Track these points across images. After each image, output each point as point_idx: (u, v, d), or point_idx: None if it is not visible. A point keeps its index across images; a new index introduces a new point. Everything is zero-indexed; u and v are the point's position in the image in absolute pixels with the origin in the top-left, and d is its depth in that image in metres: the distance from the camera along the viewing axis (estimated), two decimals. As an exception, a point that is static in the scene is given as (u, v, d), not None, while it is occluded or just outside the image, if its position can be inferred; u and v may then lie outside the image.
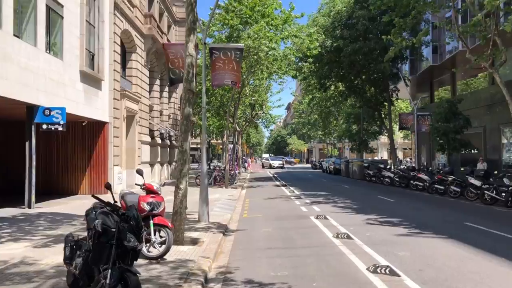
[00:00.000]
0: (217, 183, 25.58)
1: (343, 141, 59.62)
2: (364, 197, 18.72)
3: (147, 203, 7.42)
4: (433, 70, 33.06)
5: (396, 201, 16.96)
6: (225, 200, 17.40)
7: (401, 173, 25.18)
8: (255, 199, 18.45)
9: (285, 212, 13.85)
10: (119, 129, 19.81)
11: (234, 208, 15.44)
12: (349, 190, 22.94)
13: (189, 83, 8.91)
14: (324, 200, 17.39)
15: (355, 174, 34.98)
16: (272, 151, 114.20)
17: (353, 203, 15.94)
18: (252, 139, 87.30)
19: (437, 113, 24.87)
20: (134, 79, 22.70)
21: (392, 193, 20.69)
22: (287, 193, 21.02)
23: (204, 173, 11.78)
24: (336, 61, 30.37)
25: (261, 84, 36.38)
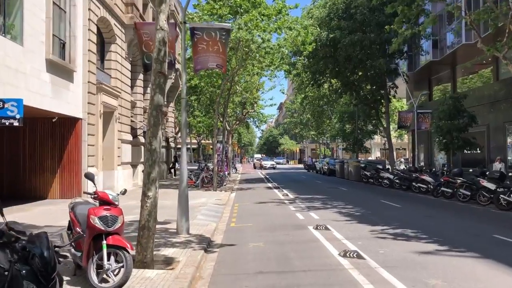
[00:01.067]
0: (205, 185, 23.77)
1: (337, 141, 58.02)
2: (365, 201, 16.99)
3: (99, 217, 5.60)
4: (431, 66, 31.54)
5: (402, 206, 15.22)
6: (211, 205, 15.59)
7: (402, 174, 23.52)
8: (245, 203, 16.66)
9: (279, 220, 12.06)
10: (94, 126, 17.91)
11: (221, 215, 13.64)
12: (347, 193, 21.22)
13: (160, 64, 7.10)
14: (322, 205, 15.62)
15: (350, 175, 33.30)
16: (263, 152, 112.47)
17: (354, 209, 14.19)
18: (244, 139, 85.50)
19: (440, 110, 23.24)
20: (113, 72, 20.80)
21: (394, 197, 19.00)
22: (280, 196, 19.26)
23: (184, 176, 9.95)
24: (331, 55, 28.69)
25: (253, 80, 34.78)
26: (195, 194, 19.78)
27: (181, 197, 9.82)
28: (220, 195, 19.72)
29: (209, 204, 16.01)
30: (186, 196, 9.89)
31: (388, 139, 31.57)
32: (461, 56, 27.66)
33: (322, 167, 44.22)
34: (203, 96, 34.61)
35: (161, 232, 9.88)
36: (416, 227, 10.41)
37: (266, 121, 43.43)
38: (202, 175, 23.97)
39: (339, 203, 16.14)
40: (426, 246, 8.25)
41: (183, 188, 9.89)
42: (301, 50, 23.95)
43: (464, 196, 16.80)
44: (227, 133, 36.69)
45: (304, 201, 16.77)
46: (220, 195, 19.51)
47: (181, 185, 9.95)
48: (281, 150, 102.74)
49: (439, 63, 30.08)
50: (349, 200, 17.00)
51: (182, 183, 9.94)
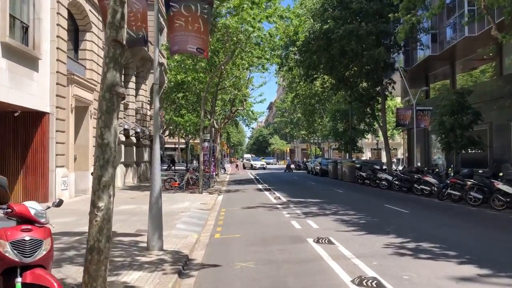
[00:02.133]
0: (190, 187, 21.96)
1: (328, 141, 56.46)
2: (367, 206, 15.30)
3: (12, 243, 3.79)
4: (429, 62, 30.04)
5: (410, 212, 13.49)
6: (194, 211, 13.79)
7: (402, 175, 21.89)
8: (233, 208, 14.88)
9: (272, 229, 10.29)
10: (65, 122, 16.00)
11: (204, 222, 11.85)
12: (344, 196, 19.53)
13: (116, 30, 5.27)
14: (319, 210, 13.88)
15: (345, 176, 31.68)
16: (253, 152, 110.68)
17: (358, 216, 12.47)
18: (233, 139, 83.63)
19: (442, 106, 21.66)
20: (88, 63, 18.89)
21: (397, 200, 17.36)
22: (271, 199, 17.50)
23: (155, 181, 8.12)
24: (325, 49, 26.99)
25: (242, 76, 33.08)
26: (179, 197, 17.99)
27: (153, 209, 7.99)
28: (206, 198, 17.93)
29: (193, 209, 14.22)
30: (159, 207, 8.06)
31: (384, 138, 29.99)
32: (462, 50, 26.18)
33: (314, 168, 42.57)
34: (190, 93, 32.82)
35: (129, 247, 8.09)
36: (436, 239, 8.71)
37: (256, 118, 41.61)
38: (187, 176, 22.15)
39: (339, 208, 14.43)
40: (460, 268, 6.50)
41: (155, 197, 8.05)
42: (293, 39, 22.24)
43: (475, 199, 15.20)
44: (215, 132, 34.89)
45: (298, 206, 15.03)
46: (206, 198, 17.73)
47: (152, 193, 8.10)
48: (271, 150, 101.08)
49: (437, 59, 28.58)
50: (349, 204, 15.29)
51: (153, 191, 8.09)
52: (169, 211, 13.30)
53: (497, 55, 24.53)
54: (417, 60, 30.34)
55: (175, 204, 15.58)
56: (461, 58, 28.10)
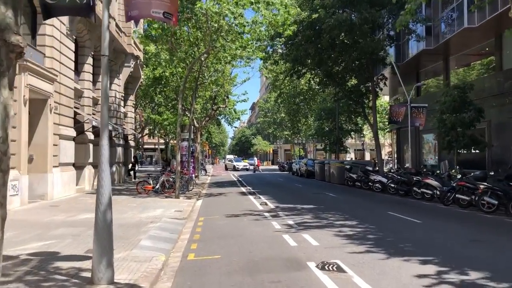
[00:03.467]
0: (166, 190, 19.73)
1: (313, 141, 54.65)
2: (368, 213, 13.32)
3: None
4: (421, 58, 28.39)
5: (422, 222, 11.49)
6: (167, 221, 11.64)
7: (399, 177, 20.04)
8: (213, 217, 12.77)
9: (261, 248, 8.19)
10: (16, 117, 13.67)
11: (177, 237, 9.71)
12: (339, 201, 17.55)
13: None
14: (315, 219, 11.82)
15: (332, 177, 29.83)
16: (235, 152, 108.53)
17: (362, 227, 10.41)
18: (215, 139, 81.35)
19: (443, 103, 19.90)
20: (48, 50, 16.53)
21: (398, 206, 15.48)
22: (257, 206, 15.41)
23: (104, 184, 5.94)
24: (312, 41, 25.02)
25: (224, 70, 31.05)
26: (151, 203, 15.81)
27: (100, 227, 5.81)
28: (183, 204, 15.76)
29: (165, 218, 12.05)
30: (107, 223, 5.89)
31: (375, 138, 28.19)
32: (458, 44, 24.54)
33: (299, 169, 40.65)
34: (168, 89, 30.63)
35: (67, 279, 5.90)
36: (480, 264, 6.67)
37: (239, 117, 39.53)
38: (162, 179, 19.91)
39: (336, 216, 12.41)
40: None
41: (102, 211, 5.86)
42: (280, 32, 20.21)
43: (490, 205, 13.38)
44: (195, 131, 32.69)
45: (289, 214, 12.96)
46: (182, 204, 15.56)
47: (99, 205, 5.89)
48: (254, 150, 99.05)
49: (431, 53, 26.93)
50: (347, 212, 13.29)
51: (101, 202, 5.88)
52: (136, 222, 11.13)
53: (497, 49, 22.97)
54: (408, 56, 28.66)
55: (146, 211, 13.39)
56: (456, 53, 26.50)
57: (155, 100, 37.68)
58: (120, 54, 26.60)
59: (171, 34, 18.80)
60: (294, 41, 25.97)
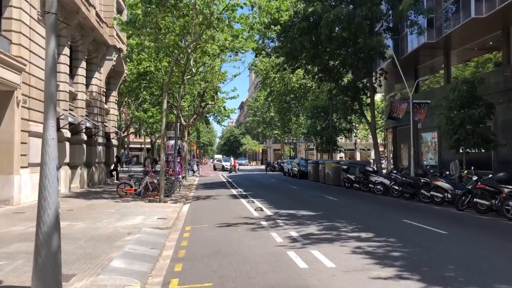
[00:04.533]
0: (150, 193, 17.96)
1: (306, 140, 53.03)
2: (380, 221, 11.66)
3: None
4: (420, 52, 26.99)
5: (448, 233, 9.68)
6: (148, 231, 9.90)
7: (404, 179, 18.47)
8: (202, 226, 11.05)
9: (263, 272, 6.42)
10: (-27, 110, 11.83)
11: (158, 253, 7.98)
12: (341, 205, 15.92)
13: None
14: (321, 230, 10.08)
15: (328, 178, 28.24)
16: (224, 152, 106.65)
17: (380, 241, 8.63)
18: (203, 138, 79.44)
19: (451, 99, 18.39)
20: (15, 36, 14.64)
21: (410, 211, 13.93)
22: (251, 211, 13.69)
23: (50, 194, 4.18)
24: (308, 33, 23.37)
25: (213, 65, 29.35)
26: (132, 208, 14.07)
27: (43, 257, 4.08)
28: (167, 209, 14.01)
29: (146, 228, 10.31)
30: (53, 252, 4.13)
31: (373, 136, 26.69)
32: (461, 37, 23.12)
33: (291, 169, 39.01)
34: (154, 85, 28.84)
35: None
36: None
37: (228, 115, 37.78)
38: (145, 181, 18.11)
39: (345, 225, 10.73)
40: None
41: (46, 232, 4.11)
42: (275, 18, 18.56)
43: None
44: (182, 129, 30.88)
45: (290, 222, 11.25)
46: (167, 210, 13.81)
47: (41, 225, 4.15)
48: (243, 150, 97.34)
49: (431, 47, 25.54)
50: (356, 219, 11.61)
51: (44, 221, 4.14)
52: (111, 233, 9.39)
53: (504, 42, 21.58)
54: (407, 51, 27.20)
55: (124, 219, 11.64)
56: (458, 47, 25.11)
57: (140, 97, 35.79)
58: (101, 46, 24.74)
59: (154, 25, 17.00)
60: (288, 33, 24.37)
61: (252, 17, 17.51)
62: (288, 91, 47.58)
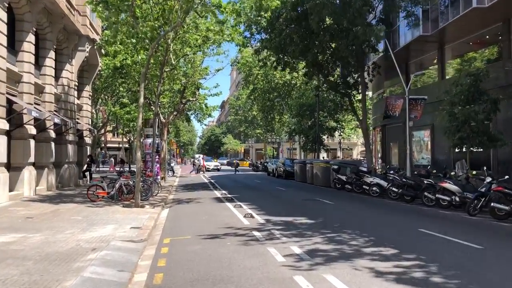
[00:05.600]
0: (125, 196, 16.07)
1: (289, 139, 51.47)
2: (395, 231, 9.98)
3: None
4: (411, 47, 25.68)
5: (485, 248, 8.05)
6: (117, 246, 8.12)
7: (404, 180, 16.98)
8: (183, 238, 9.29)
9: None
10: None
11: (128, 278, 6.20)
12: (340, 210, 14.32)
13: None
14: (329, 244, 8.21)
15: (316, 179, 26.71)
16: (204, 152, 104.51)
17: (410, 260, 6.81)
18: (183, 137, 77.28)
19: (454, 94, 17.00)
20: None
21: (420, 217, 12.48)
22: (240, 219, 11.95)
23: None
24: (297, 23, 21.78)
25: (194, 59, 27.57)
26: (103, 215, 12.25)
27: None
28: (143, 216, 12.19)
29: (116, 240, 8.52)
30: None
31: (364, 135, 25.30)
32: (459, 30, 21.83)
33: (276, 169, 37.38)
34: (130, 80, 26.90)
35: None
36: None
37: (210, 113, 35.93)
38: (119, 182, 16.20)
39: (354, 236, 9.06)
40: None
41: None
42: (265, 4, 16.90)
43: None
44: (162, 126, 28.99)
45: (288, 233, 9.52)
46: (143, 216, 12.00)
47: None
48: (224, 150, 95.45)
49: (425, 41, 24.24)
50: (365, 229, 9.91)
51: None
52: (71, 249, 7.60)
53: (505, 34, 20.37)
54: (399, 45, 25.84)
55: (91, 229, 9.81)
56: (454, 41, 23.85)
57: (117, 92, 33.72)
58: (72, 36, 22.68)
59: (130, 8, 15.12)
60: (275, 25, 22.76)
61: (240, 2, 15.83)
62: (271, 89, 46.02)
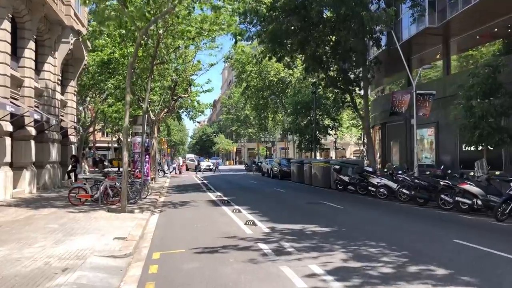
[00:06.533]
0: (111, 200, 14.53)
1: (286, 138, 50.06)
2: (430, 243, 8.47)
3: None
4: (414, 41, 24.41)
5: None
6: (95, 264, 6.59)
7: (417, 181, 15.57)
8: (176, 252, 7.78)
9: None
10: None
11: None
12: (352, 215, 12.87)
13: None
14: (356, 261, 6.65)
15: (315, 179, 25.26)
16: (196, 151, 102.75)
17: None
18: (174, 137, 75.49)
19: (470, 86, 15.64)
20: None
21: (443, 224, 11.06)
22: (241, 226, 10.43)
23: None
24: (296, 12, 20.30)
25: (186, 54, 26.10)
26: (83, 222, 10.73)
27: None
28: (129, 223, 10.66)
29: (94, 256, 7.01)
30: None
31: (366, 133, 23.98)
32: (470, 20, 20.52)
33: (271, 169, 35.89)
34: (119, 75, 25.31)
35: None
36: None
37: (203, 111, 34.34)
38: (104, 184, 14.64)
39: (382, 250, 7.57)
40: None
41: None
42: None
43: None
44: (152, 124, 27.41)
45: (301, 246, 7.98)
46: (129, 224, 10.47)
47: None
48: (216, 149, 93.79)
49: (430, 34, 22.98)
50: (392, 240, 8.44)
51: None
52: (35, 271, 6.06)
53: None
54: (402, 39, 24.51)
55: (66, 241, 8.28)
56: (461, 34, 22.57)
57: (105, 89, 32.03)
58: (55, 26, 21.04)
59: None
60: (272, 15, 21.30)
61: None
62: (265, 86, 44.56)
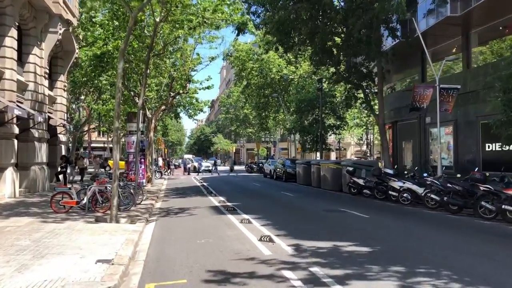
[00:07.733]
0: (100, 207, 12.65)
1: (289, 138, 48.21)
2: (494, 267, 6.76)
3: None
4: (428, 34, 22.55)
5: None
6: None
7: (451, 186, 13.67)
8: (178, 281, 5.89)
9: None
10: None
11: None
12: (387, 229, 10.98)
13: None
14: None
15: (324, 182, 23.41)
16: (194, 152, 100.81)
17: None
18: (171, 137, 73.49)
19: (508, 77, 13.79)
20: None
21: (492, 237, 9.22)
22: (255, 244, 8.49)
23: None
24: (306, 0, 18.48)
25: (184, 48, 24.37)
26: (62, 236, 8.87)
27: None
28: (119, 237, 8.76)
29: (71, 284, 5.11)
30: None
31: (381, 131, 22.07)
32: (496, 7, 18.71)
33: (274, 170, 34.00)
34: (112, 72, 23.54)
35: None
36: None
37: (202, 109, 32.52)
38: (92, 189, 12.72)
39: (447, 279, 5.76)
40: None
41: None
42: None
43: None
44: (148, 122, 25.54)
45: (339, 273, 6.16)
46: (119, 239, 8.57)
47: None
48: (215, 150, 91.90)
49: (449, 24, 21.16)
50: (446, 261, 6.69)
51: None
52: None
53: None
54: (417, 31, 22.68)
55: (34, 265, 6.39)
56: (483, 24, 20.76)
57: (99, 86, 30.12)
58: (41, 14, 19.17)
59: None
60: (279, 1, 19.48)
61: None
62: (267, 84, 42.73)
